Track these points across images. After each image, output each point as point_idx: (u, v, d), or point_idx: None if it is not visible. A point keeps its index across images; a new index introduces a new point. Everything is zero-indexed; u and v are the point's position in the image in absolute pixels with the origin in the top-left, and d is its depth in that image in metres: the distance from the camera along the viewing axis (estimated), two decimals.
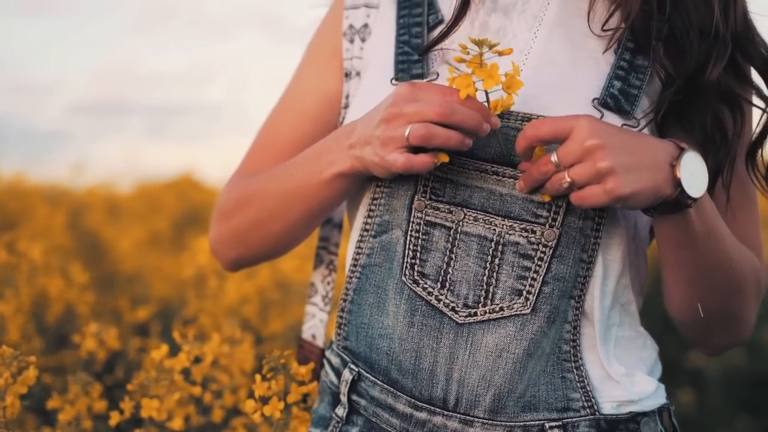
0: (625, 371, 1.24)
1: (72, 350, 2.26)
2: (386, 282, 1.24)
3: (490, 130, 1.14)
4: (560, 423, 1.19)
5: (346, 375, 1.26)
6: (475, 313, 1.19)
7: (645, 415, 1.24)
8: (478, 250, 1.19)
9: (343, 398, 1.27)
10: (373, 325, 1.24)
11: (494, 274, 1.19)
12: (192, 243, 3.47)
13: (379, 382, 1.23)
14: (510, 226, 1.19)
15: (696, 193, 1.13)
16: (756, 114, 1.28)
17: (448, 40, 1.28)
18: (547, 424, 1.19)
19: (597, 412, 1.21)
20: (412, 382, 1.21)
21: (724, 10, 1.23)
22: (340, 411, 1.27)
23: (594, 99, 1.21)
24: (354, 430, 1.26)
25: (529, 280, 1.18)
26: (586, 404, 1.20)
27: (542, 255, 1.18)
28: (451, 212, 1.21)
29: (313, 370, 1.34)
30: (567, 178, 1.11)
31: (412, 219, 1.22)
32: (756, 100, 1.27)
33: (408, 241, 1.22)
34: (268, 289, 2.79)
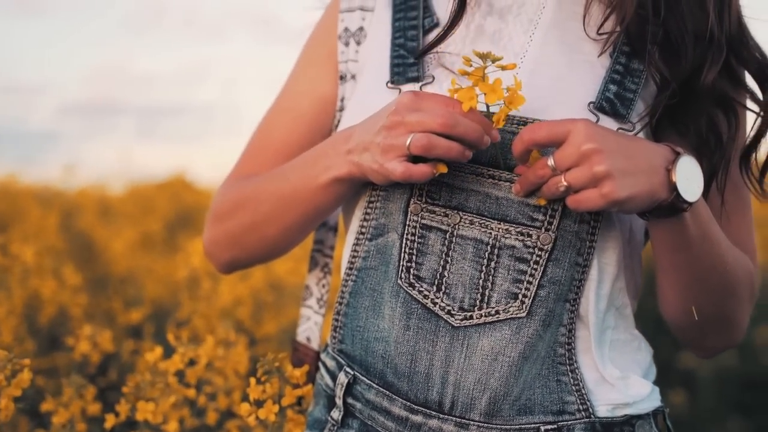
0: (620, 374, 1.24)
1: (64, 352, 2.25)
2: (382, 285, 1.24)
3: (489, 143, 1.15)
4: (555, 426, 1.19)
5: (342, 378, 1.26)
6: (471, 317, 1.19)
7: (640, 418, 1.24)
8: (474, 254, 1.19)
9: (339, 401, 1.27)
10: (368, 328, 1.24)
11: (490, 277, 1.19)
12: (185, 244, 3.46)
13: (374, 386, 1.23)
14: (506, 229, 1.19)
15: (691, 197, 1.13)
16: (750, 117, 1.29)
17: (443, 43, 1.28)
18: (542, 427, 1.19)
19: (592, 415, 1.21)
20: (407, 385, 1.21)
21: (718, 13, 1.23)
22: (336, 414, 1.27)
23: (590, 103, 1.21)
24: None
25: (525, 283, 1.18)
26: (581, 407, 1.21)
27: (538, 258, 1.18)
28: (446, 215, 1.21)
29: (308, 372, 1.34)
30: (563, 181, 1.11)
31: (407, 222, 1.22)
32: (750, 104, 1.28)
33: (404, 245, 1.22)
34: (261, 291, 2.78)
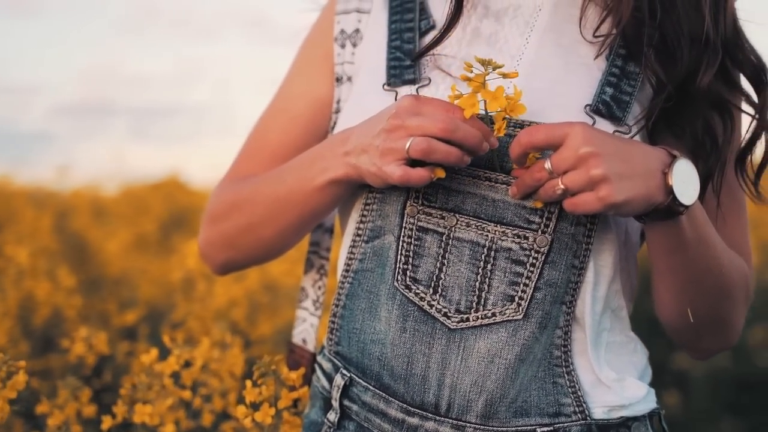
0: (616, 376, 1.24)
1: (59, 354, 2.24)
2: (378, 287, 1.24)
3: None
4: (552, 428, 1.20)
5: (338, 380, 1.26)
6: (468, 319, 1.19)
7: (636, 419, 1.25)
8: (471, 256, 1.20)
9: (335, 403, 1.27)
10: (365, 331, 1.24)
11: (486, 279, 1.19)
12: (179, 245, 3.46)
13: (371, 388, 1.23)
14: (502, 232, 1.19)
15: (688, 201, 1.13)
16: (745, 120, 1.29)
17: (440, 45, 1.28)
18: (538, 429, 1.19)
19: (588, 417, 1.21)
20: (404, 387, 1.21)
21: (714, 16, 1.24)
22: (332, 416, 1.27)
23: (586, 105, 1.21)
24: None
25: (521, 285, 1.19)
26: (577, 409, 1.21)
27: (534, 261, 1.19)
28: (443, 218, 1.21)
29: (304, 375, 1.34)
30: (560, 185, 1.11)
31: (404, 224, 1.22)
32: (745, 107, 1.28)
33: (400, 247, 1.22)
34: (256, 292, 2.78)
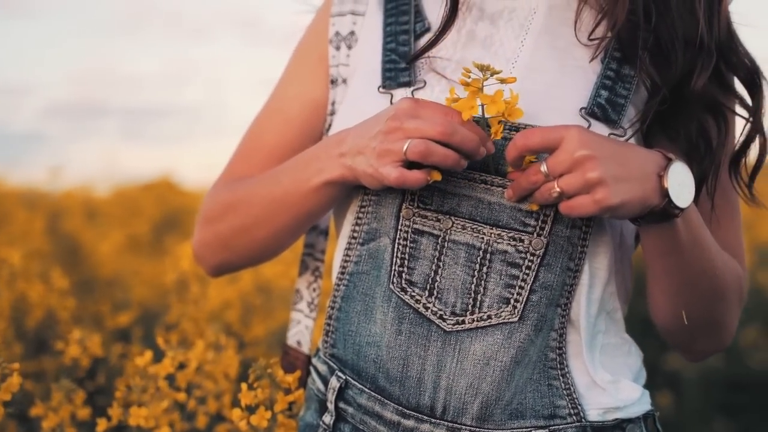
0: (611, 378, 1.24)
1: (52, 356, 2.24)
2: (374, 290, 1.24)
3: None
4: (547, 430, 1.20)
5: (334, 382, 1.26)
6: (463, 321, 1.19)
7: (630, 421, 1.25)
8: (466, 259, 1.20)
9: (330, 406, 1.27)
10: (360, 333, 1.24)
11: (482, 282, 1.19)
12: (171, 247, 3.45)
13: (366, 390, 1.23)
14: (498, 234, 1.19)
15: (683, 203, 1.13)
16: (739, 123, 1.30)
17: (435, 48, 1.28)
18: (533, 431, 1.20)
19: (583, 419, 1.21)
20: (399, 389, 1.21)
21: (708, 19, 1.24)
22: (327, 418, 1.27)
23: (581, 108, 1.22)
24: None
25: (517, 288, 1.19)
26: (572, 411, 1.21)
27: (530, 263, 1.19)
28: (438, 220, 1.21)
29: (299, 377, 1.34)
30: (556, 188, 1.11)
31: (399, 227, 1.22)
32: (739, 109, 1.28)
33: (396, 249, 1.22)
34: (250, 294, 2.78)
